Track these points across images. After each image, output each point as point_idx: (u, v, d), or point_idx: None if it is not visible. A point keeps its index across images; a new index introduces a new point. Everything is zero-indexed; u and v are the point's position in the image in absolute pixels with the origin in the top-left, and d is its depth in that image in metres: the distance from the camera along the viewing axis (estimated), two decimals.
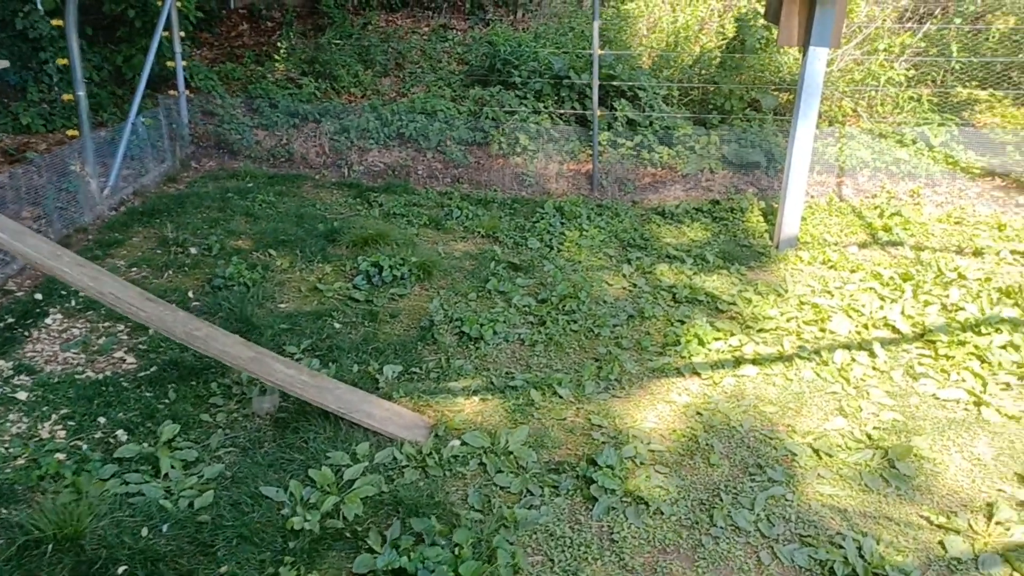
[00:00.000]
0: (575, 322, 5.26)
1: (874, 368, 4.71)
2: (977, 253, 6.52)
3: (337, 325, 5.12)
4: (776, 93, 9.15)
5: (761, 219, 7.32)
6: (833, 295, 5.66)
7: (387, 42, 11.52)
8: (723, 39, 9.33)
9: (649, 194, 8.00)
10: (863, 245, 6.81)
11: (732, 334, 5.11)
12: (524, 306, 5.45)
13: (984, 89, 10.46)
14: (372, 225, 6.58)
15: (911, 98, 9.20)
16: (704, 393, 4.51)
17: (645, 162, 8.42)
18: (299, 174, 8.10)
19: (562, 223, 7.06)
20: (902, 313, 5.30)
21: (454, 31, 12.66)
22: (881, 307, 5.40)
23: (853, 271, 6.17)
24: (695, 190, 8.02)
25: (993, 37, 10.04)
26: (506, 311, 5.38)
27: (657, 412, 4.35)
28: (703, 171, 8.26)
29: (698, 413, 4.32)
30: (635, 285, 5.94)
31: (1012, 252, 6.39)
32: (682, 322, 5.30)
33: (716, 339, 5.02)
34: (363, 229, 6.39)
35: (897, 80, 9.30)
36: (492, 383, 4.51)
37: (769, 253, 6.57)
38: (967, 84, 10.44)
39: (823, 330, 5.17)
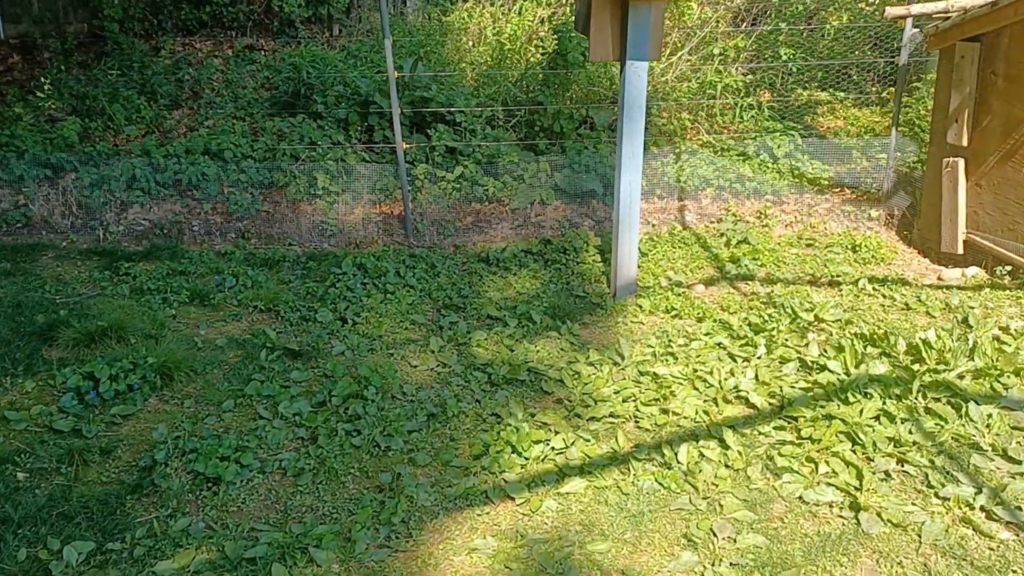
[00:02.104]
0: (359, 432, 4.06)
1: (727, 465, 3.74)
2: (834, 283, 5.78)
3: (20, 476, 3.71)
4: (613, 107, 8.29)
5: (598, 258, 6.36)
6: (677, 358, 4.72)
7: (179, 69, 9.95)
8: (543, 53, 8.38)
9: (473, 235, 6.91)
10: (710, 282, 5.96)
11: (556, 431, 4.04)
12: (294, 415, 4.20)
13: (824, 90, 10.03)
14: (111, 310, 5.14)
15: (750, 106, 8.56)
16: (517, 530, 3.41)
17: (469, 197, 7.34)
18: (39, 243, 6.52)
19: (364, 284, 5.85)
20: (756, 379, 4.40)
21: (261, 52, 11.21)
22: (732, 372, 4.49)
23: (700, 319, 5.28)
24: (525, 227, 6.99)
25: (828, 35, 9.61)
26: (268, 426, 4.11)
27: (453, 571, 3.21)
28: (534, 204, 7.25)
29: (507, 567, 3.21)
30: (445, 365, 4.81)
31: (871, 280, 5.67)
32: (497, 417, 4.20)
33: (536, 441, 3.94)
34: (96, 318, 4.95)
35: (735, 87, 8.65)
36: (223, 553, 3.24)
37: (606, 303, 5.60)
38: (807, 86, 9.98)
39: (665, 412, 4.19)
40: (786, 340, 4.83)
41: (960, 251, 5.94)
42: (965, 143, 5.80)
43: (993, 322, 4.78)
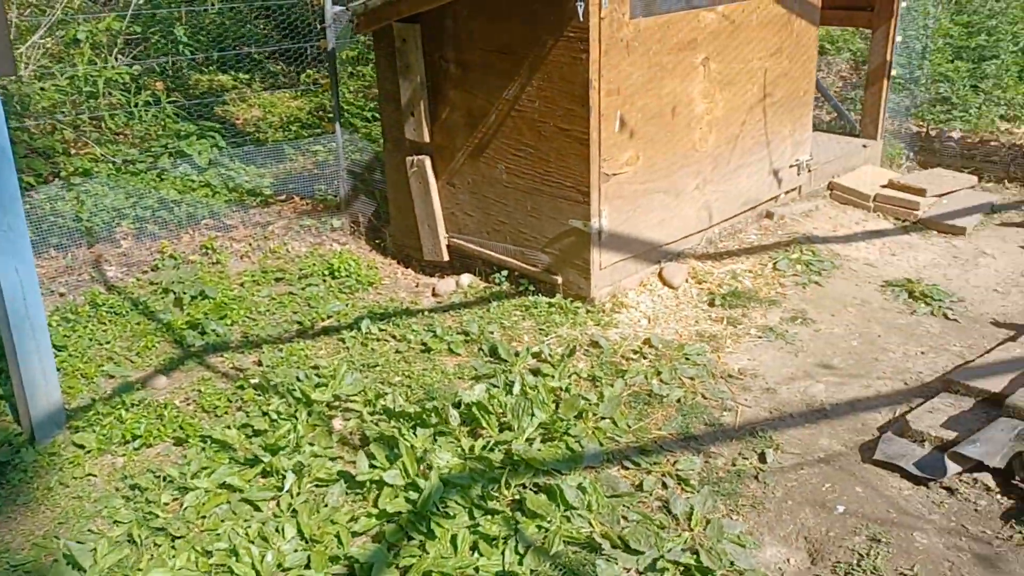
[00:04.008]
0: None
1: None
2: (329, 331, 4.65)
3: None
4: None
5: None
6: (173, 536, 3.05)
7: None
8: None
9: None
10: (173, 366, 4.31)
11: None
12: None
13: (225, 72, 8.70)
14: None
15: (148, 102, 6.74)
16: None
17: None
18: None
19: None
20: (301, 537, 3.03)
21: None
22: (263, 536, 3.03)
23: (181, 442, 3.65)
24: None
25: (213, 8, 8.22)
26: None
27: None
28: None
29: None
30: None
31: (373, 320, 4.67)
32: None
33: None
34: None
35: (121, 80, 6.70)
36: None
37: (23, 458, 3.53)
38: (204, 69, 8.53)
39: None
40: (313, 447, 3.55)
41: (446, 258, 5.34)
42: (427, 139, 5.12)
43: (524, 350, 4.23)
